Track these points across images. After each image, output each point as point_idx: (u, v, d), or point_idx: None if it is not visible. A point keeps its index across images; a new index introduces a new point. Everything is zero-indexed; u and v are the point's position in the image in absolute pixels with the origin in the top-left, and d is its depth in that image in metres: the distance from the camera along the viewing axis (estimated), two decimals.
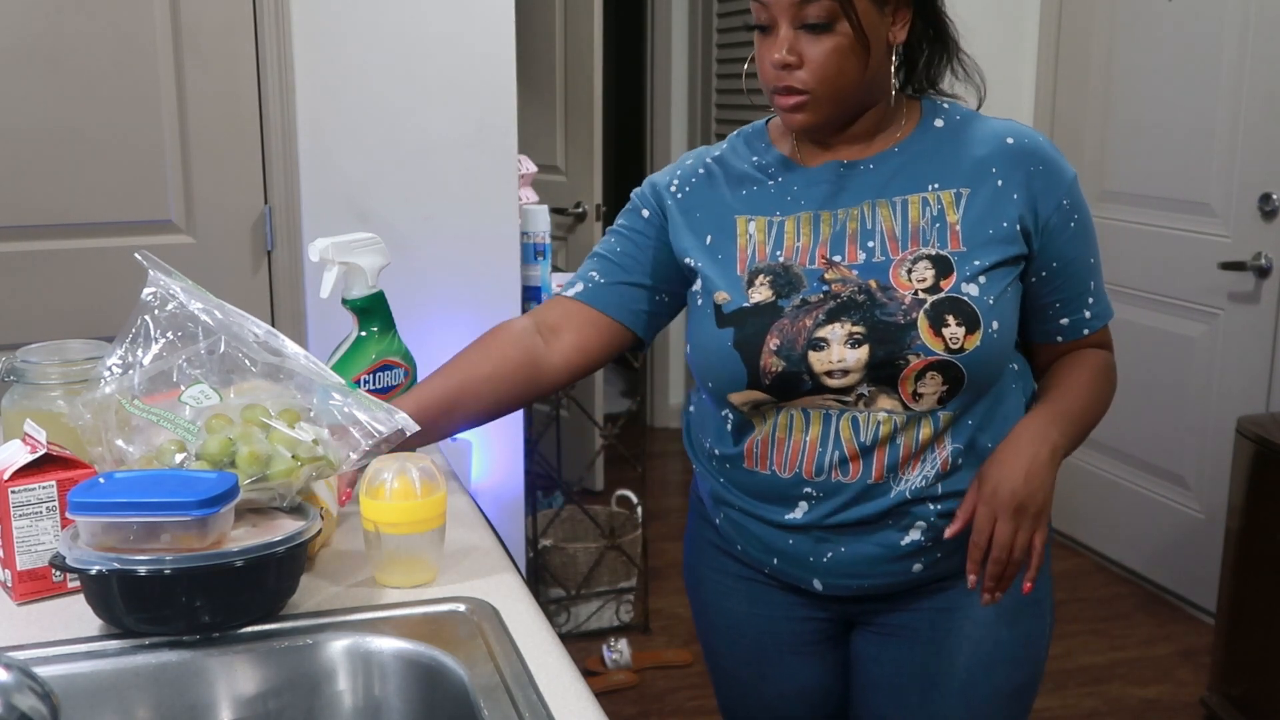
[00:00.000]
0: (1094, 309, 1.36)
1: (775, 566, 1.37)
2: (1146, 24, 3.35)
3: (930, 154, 1.31)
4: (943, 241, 1.27)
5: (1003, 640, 1.35)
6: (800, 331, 1.26)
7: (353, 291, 1.54)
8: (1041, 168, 1.29)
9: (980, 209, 1.27)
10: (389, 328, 1.56)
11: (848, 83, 1.25)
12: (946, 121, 1.33)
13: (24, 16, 2.42)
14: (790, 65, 1.24)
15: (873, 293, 1.25)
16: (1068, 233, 1.30)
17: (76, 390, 1.38)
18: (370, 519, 1.21)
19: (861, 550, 1.30)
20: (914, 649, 1.36)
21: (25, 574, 1.17)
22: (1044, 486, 1.24)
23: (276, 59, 2.58)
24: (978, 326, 1.23)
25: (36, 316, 2.50)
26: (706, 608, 1.51)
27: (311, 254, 1.51)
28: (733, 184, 1.37)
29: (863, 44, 1.23)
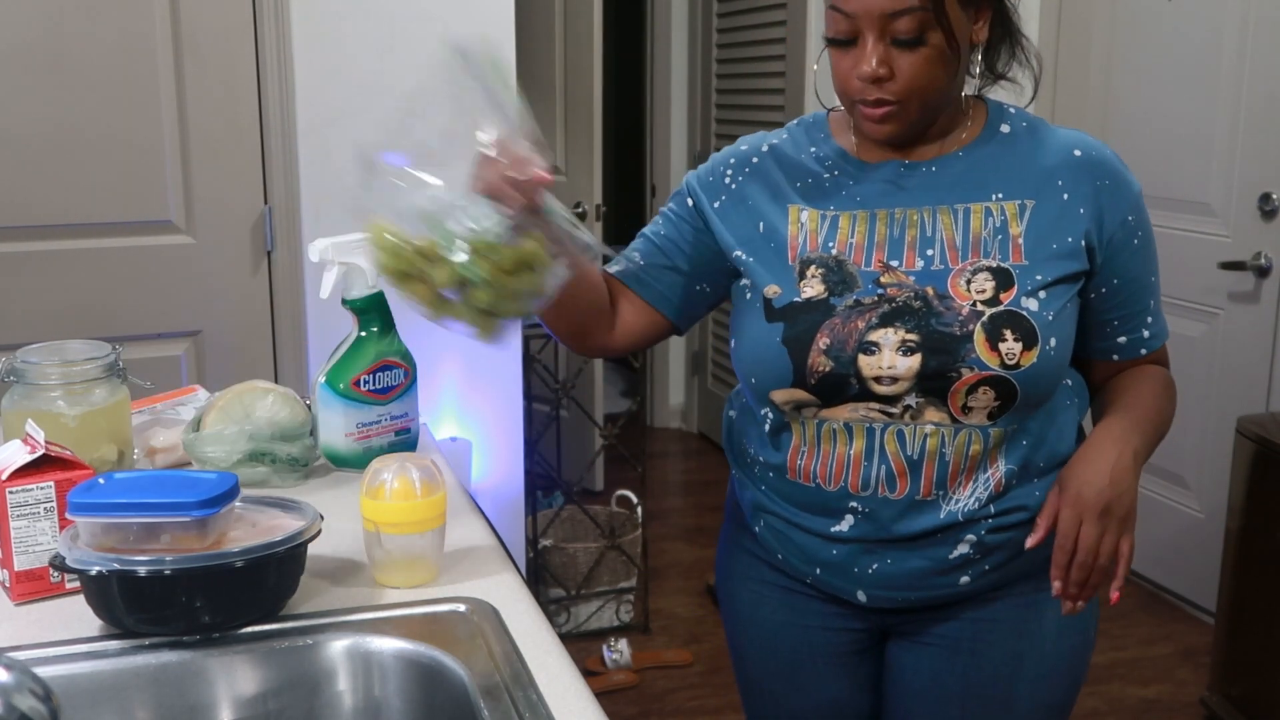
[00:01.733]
0: (1153, 328, 1.33)
1: (818, 576, 1.34)
2: (1146, 24, 3.35)
3: (995, 161, 1.28)
4: (1004, 254, 1.23)
5: (1047, 655, 1.33)
6: (852, 333, 1.22)
7: (352, 292, 1.54)
8: (1109, 182, 1.26)
9: (1045, 222, 1.24)
10: (389, 328, 1.56)
11: (937, 91, 1.22)
12: (1013, 127, 1.30)
13: (24, 17, 2.42)
14: (882, 79, 1.20)
15: (929, 300, 1.22)
16: (1130, 249, 1.27)
17: (77, 390, 1.39)
18: (370, 519, 1.21)
19: (908, 563, 1.28)
20: (955, 659, 1.33)
21: (23, 574, 1.17)
22: (1130, 489, 1.20)
23: (276, 59, 2.58)
24: (1035, 343, 1.20)
25: (36, 316, 2.50)
26: (740, 617, 1.47)
27: (311, 254, 1.51)
28: (788, 173, 1.33)
29: (954, 50, 1.20)
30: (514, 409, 2.96)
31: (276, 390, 1.56)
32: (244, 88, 2.58)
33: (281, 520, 1.17)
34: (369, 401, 1.52)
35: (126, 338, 2.04)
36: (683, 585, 3.57)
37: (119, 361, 1.44)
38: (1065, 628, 1.33)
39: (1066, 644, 1.34)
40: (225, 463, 1.47)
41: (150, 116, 2.53)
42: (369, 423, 1.53)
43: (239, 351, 2.64)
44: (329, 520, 1.22)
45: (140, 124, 2.53)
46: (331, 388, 1.52)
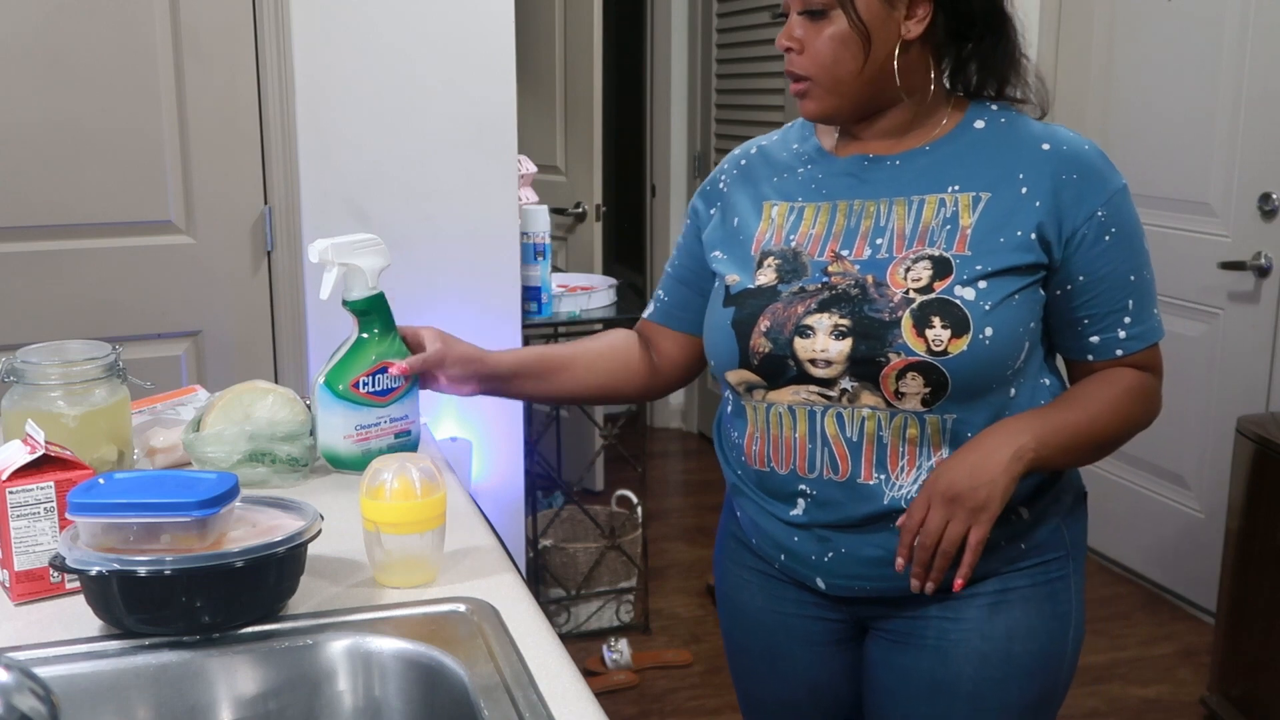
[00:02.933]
0: (1131, 329, 1.29)
1: (783, 563, 1.38)
2: (1146, 23, 3.35)
3: (961, 155, 1.29)
4: (949, 243, 1.24)
5: (1015, 654, 1.32)
6: (790, 317, 1.27)
7: (353, 293, 1.53)
8: (1075, 176, 1.25)
9: (996, 214, 1.25)
10: (389, 329, 1.54)
11: (845, 72, 1.25)
12: (989, 123, 1.30)
13: (24, 16, 2.42)
14: (790, 49, 1.27)
15: (866, 288, 1.25)
16: (1100, 246, 1.25)
17: (77, 390, 1.39)
18: (370, 519, 1.21)
19: (861, 552, 1.30)
20: (921, 656, 1.35)
21: (23, 574, 1.17)
22: (991, 483, 1.20)
23: (276, 59, 2.58)
24: (966, 330, 1.21)
25: (36, 316, 2.50)
26: (727, 600, 1.52)
27: (311, 255, 1.50)
28: (770, 171, 1.40)
29: (861, 34, 1.23)
30: (514, 409, 2.96)
31: (276, 390, 1.56)
32: (244, 88, 2.58)
33: (281, 520, 1.17)
34: (368, 404, 1.51)
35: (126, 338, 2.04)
36: (683, 585, 3.57)
37: (119, 361, 1.44)
38: (1036, 629, 1.32)
39: (1038, 645, 1.33)
40: (225, 463, 1.47)
41: (150, 116, 2.53)
42: (368, 425, 1.52)
43: (239, 351, 2.64)
44: (329, 520, 1.22)
45: (140, 124, 2.53)
46: (331, 389, 1.51)
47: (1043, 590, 1.33)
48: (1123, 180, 1.27)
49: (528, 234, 2.89)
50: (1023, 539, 1.31)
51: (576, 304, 3.04)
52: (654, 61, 4.95)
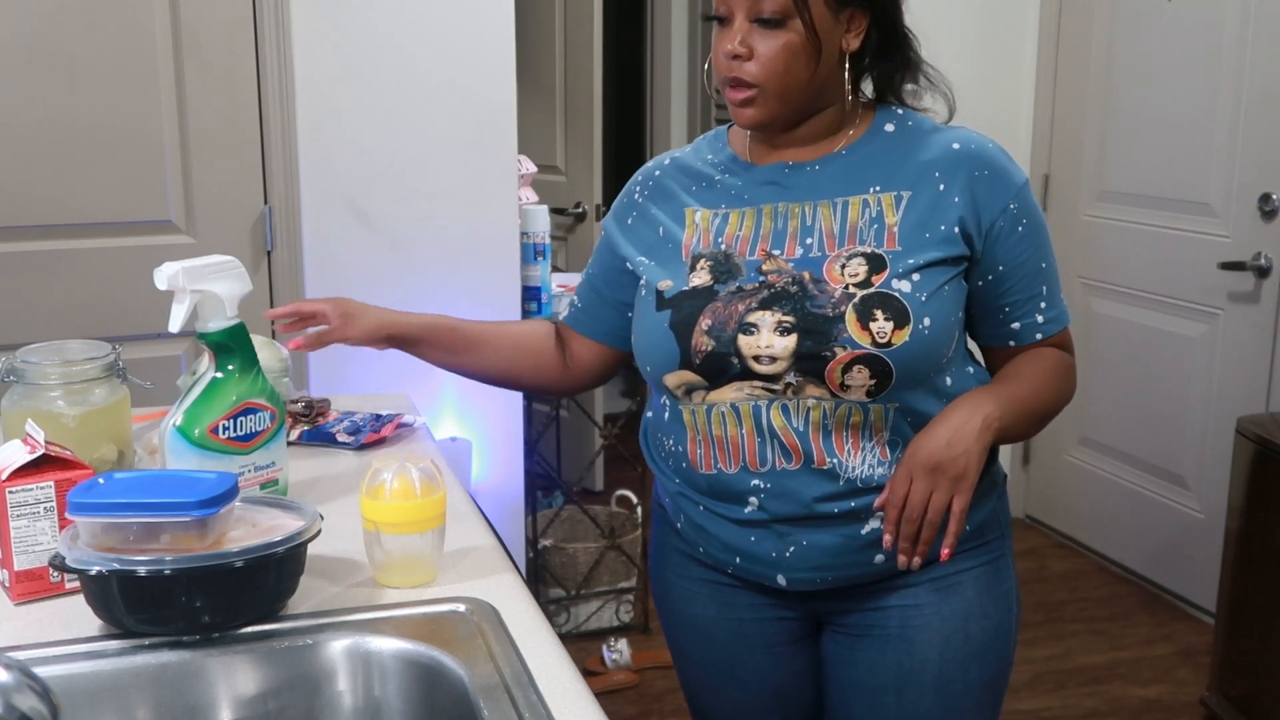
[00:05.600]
0: (1047, 313, 1.36)
1: (738, 566, 1.37)
2: (1146, 24, 3.35)
3: (876, 157, 1.33)
4: (879, 241, 1.28)
5: (972, 634, 1.36)
6: (732, 315, 1.28)
7: (208, 324, 1.34)
8: (986, 173, 1.30)
9: (919, 211, 1.29)
10: (251, 365, 1.37)
11: (795, 81, 1.27)
12: (898, 127, 1.35)
13: (24, 16, 2.42)
14: (740, 57, 1.27)
15: (805, 284, 1.27)
16: (1015, 236, 1.31)
17: (77, 390, 1.38)
18: (370, 519, 1.21)
19: (822, 541, 1.31)
20: (885, 649, 1.36)
21: (23, 574, 1.17)
22: (967, 452, 1.24)
23: (276, 59, 2.58)
24: (907, 322, 1.24)
25: (36, 316, 2.50)
26: (674, 615, 1.50)
27: (158, 281, 1.33)
28: (687, 180, 1.42)
29: (814, 44, 1.26)
30: (514, 409, 2.96)
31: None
32: (244, 87, 2.58)
33: (281, 520, 1.17)
34: (230, 451, 1.34)
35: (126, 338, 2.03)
36: None
37: (119, 361, 1.44)
38: (986, 607, 1.37)
39: (990, 622, 1.37)
40: None
41: (150, 116, 2.53)
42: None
43: None
44: (329, 520, 1.22)
45: (140, 124, 2.53)
46: (185, 436, 1.32)
47: (988, 569, 1.38)
48: (1024, 176, 1.34)
49: (528, 234, 2.89)
50: (968, 523, 1.34)
51: None
52: (654, 61, 4.95)
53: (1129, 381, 3.49)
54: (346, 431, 1.73)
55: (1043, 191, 3.76)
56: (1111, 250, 3.53)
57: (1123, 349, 3.51)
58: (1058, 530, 3.83)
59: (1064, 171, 3.70)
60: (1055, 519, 3.85)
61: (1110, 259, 3.54)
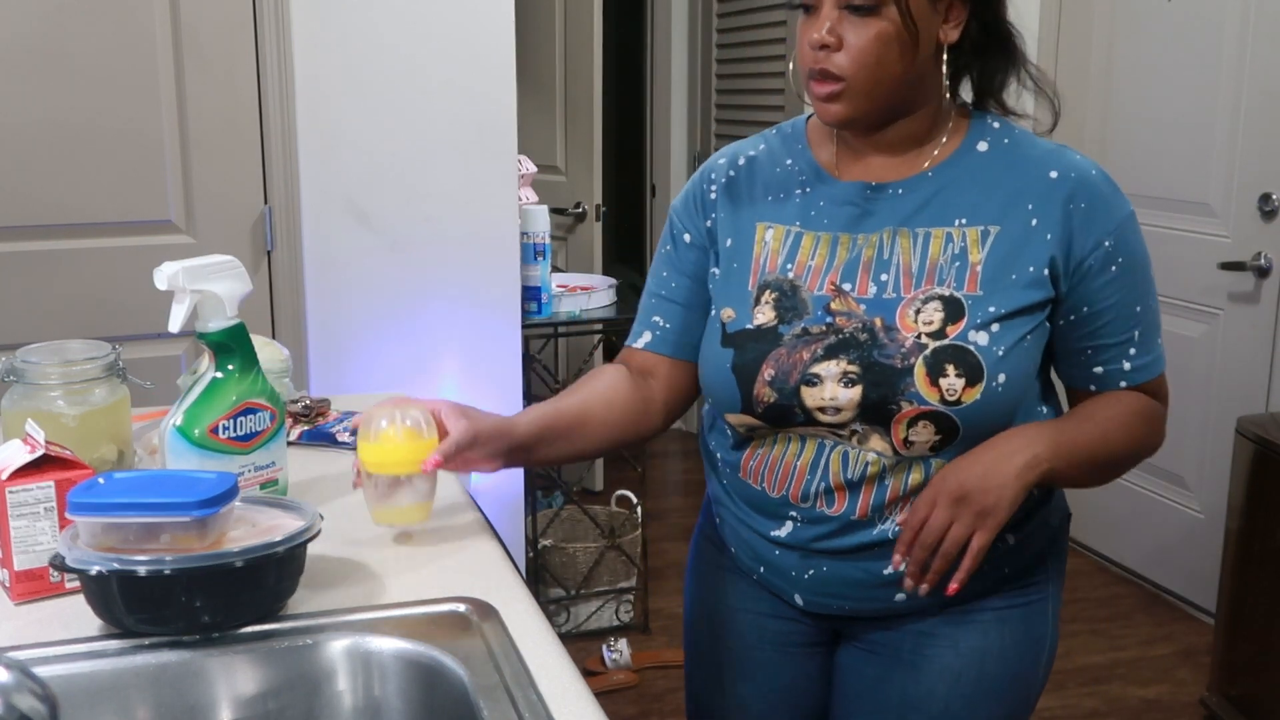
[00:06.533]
0: (1136, 360, 1.25)
1: (761, 575, 1.36)
2: (1146, 23, 3.35)
3: (966, 182, 1.23)
4: (960, 282, 1.20)
5: (988, 674, 1.30)
6: (796, 365, 1.22)
7: (209, 324, 1.34)
8: (1085, 205, 1.20)
9: (1007, 249, 1.20)
10: (251, 365, 1.36)
11: (887, 75, 1.17)
12: (992, 145, 1.25)
13: (24, 16, 2.42)
14: (829, 47, 1.17)
15: (875, 331, 1.20)
16: (1106, 276, 1.21)
17: (77, 390, 1.38)
18: (366, 461, 1.26)
19: (843, 573, 1.28)
20: (894, 669, 1.33)
21: (23, 574, 1.17)
22: (1001, 488, 1.15)
23: (276, 59, 2.58)
24: (980, 379, 1.17)
25: (36, 316, 2.50)
26: (699, 599, 1.50)
27: (158, 281, 1.32)
28: (760, 187, 1.32)
29: (910, 34, 1.16)
30: (514, 409, 2.96)
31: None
32: (244, 88, 2.58)
33: (281, 520, 1.17)
34: (230, 451, 1.33)
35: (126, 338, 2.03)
36: (682, 585, 3.56)
37: (119, 361, 1.44)
38: (1009, 651, 1.31)
39: (1010, 667, 1.31)
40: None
41: (150, 116, 2.53)
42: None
43: None
44: (329, 520, 1.22)
45: (140, 124, 2.53)
46: (185, 436, 1.31)
47: (1019, 612, 1.31)
48: (1130, 207, 1.23)
49: (528, 234, 2.89)
50: (1007, 564, 1.30)
51: (576, 304, 3.04)
52: (654, 61, 4.95)
53: None
54: (347, 431, 1.73)
55: None
56: None
57: None
58: None
59: None
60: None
61: None
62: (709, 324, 1.32)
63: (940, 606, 1.29)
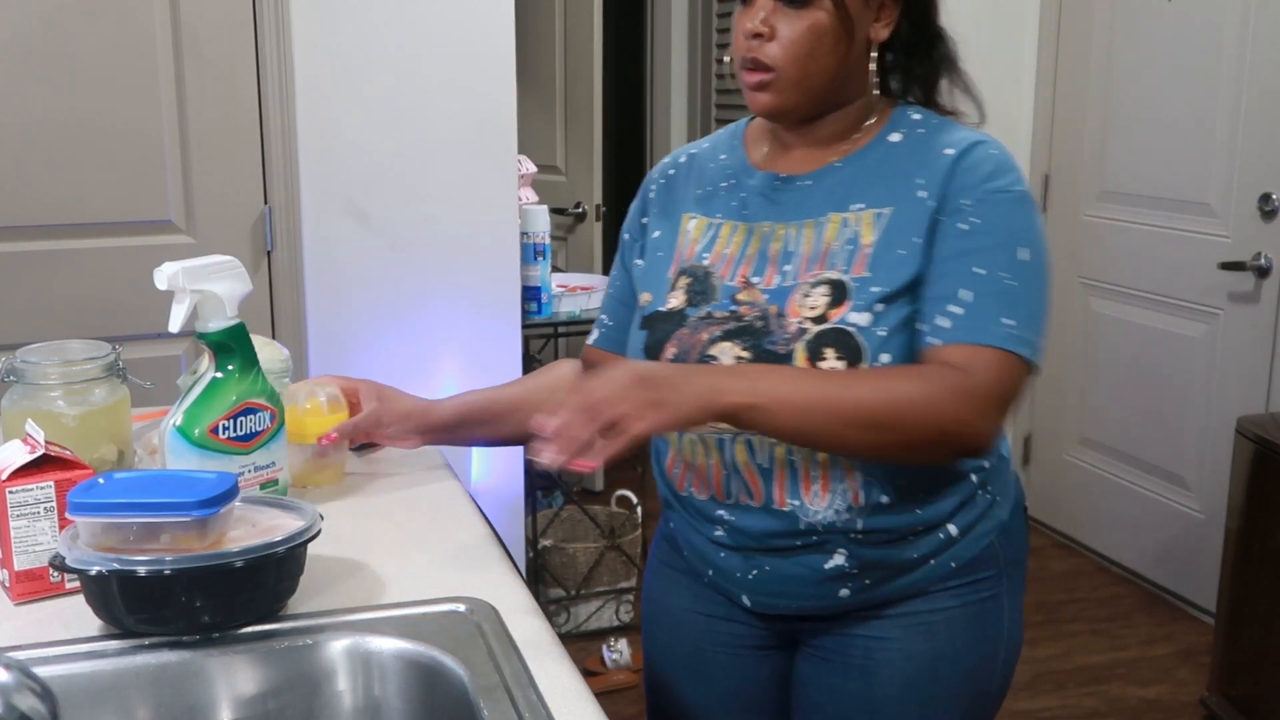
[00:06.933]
0: (959, 321, 1.15)
1: (710, 578, 1.37)
2: (1146, 24, 3.35)
3: (872, 170, 1.24)
4: (848, 265, 1.19)
5: (941, 676, 1.29)
6: (695, 345, 1.24)
7: (209, 324, 1.34)
8: (963, 169, 1.19)
9: (895, 227, 1.19)
10: (251, 365, 1.37)
11: (818, 68, 1.19)
12: (907, 135, 1.25)
13: (24, 16, 2.42)
14: (761, 36, 1.19)
15: (769, 319, 1.21)
16: (954, 232, 1.17)
17: (77, 390, 1.38)
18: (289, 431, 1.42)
19: (786, 570, 1.28)
20: (849, 677, 1.32)
21: (23, 574, 1.17)
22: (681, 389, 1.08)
23: (276, 59, 2.58)
24: (860, 360, 1.16)
25: (36, 316, 2.50)
26: (654, 600, 1.50)
27: (158, 281, 1.32)
28: (694, 182, 1.36)
29: (843, 28, 1.18)
30: None
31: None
32: (244, 88, 2.58)
33: (281, 520, 1.17)
34: (230, 451, 1.34)
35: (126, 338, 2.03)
36: None
37: (119, 361, 1.44)
38: (962, 650, 1.30)
39: (965, 665, 1.30)
40: None
41: (150, 116, 2.53)
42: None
43: None
44: (329, 520, 1.22)
45: (140, 124, 2.53)
46: (185, 436, 1.31)
47: (971, 610, 1.30)
48: (1018, 188, 1.19)
49: (528, 234, 2.89)
50: (953, 557, 1.28)
51: (576, 304, 3.04)
52: (654, 61, 4.95)
53: (1129, 381, 3.49)
54: None
55: (1043, 191, 3.76)
56: (1111, 250, 3.53)
57: (1123, 349, 3.51)
58: (1058, 530, 3.83)
59: (1064, 171, 3.70)
60: (1055, 519, 3.85)
61: (1110, 259, 3.54)
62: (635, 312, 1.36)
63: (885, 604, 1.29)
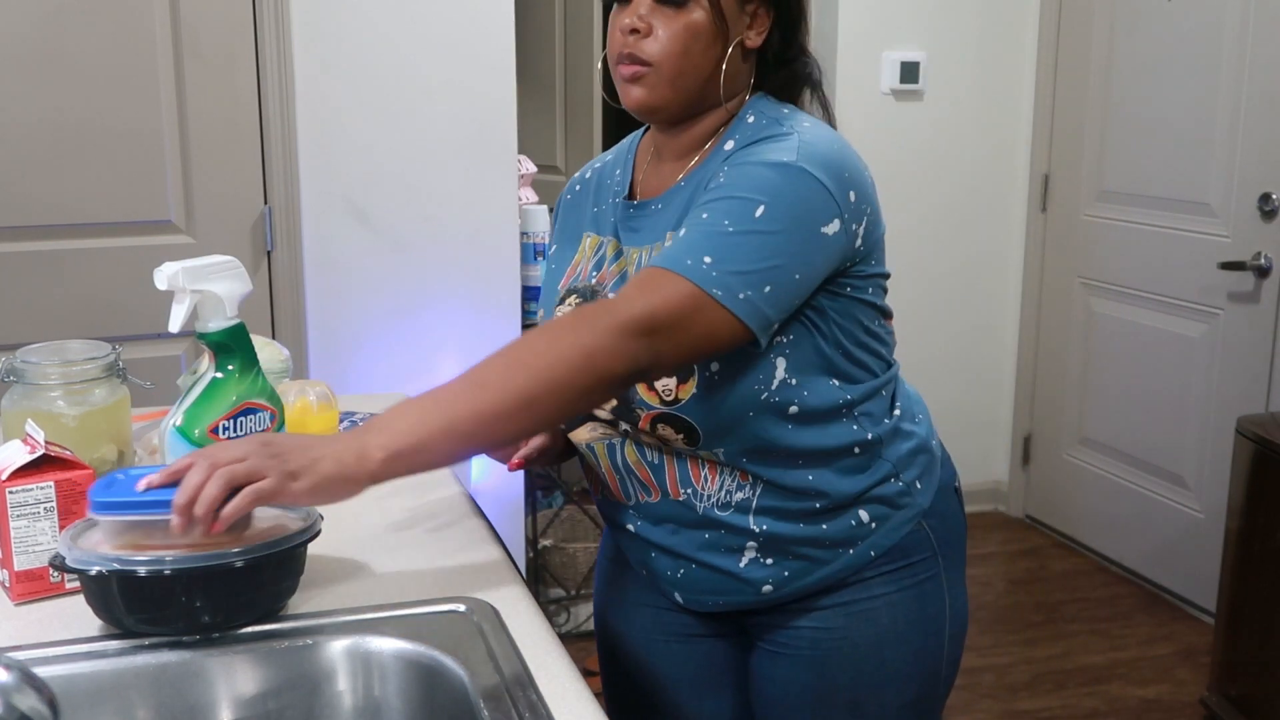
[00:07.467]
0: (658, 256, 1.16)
1: (644, 578, 1.38)
2: (1146, 24, 3.35)
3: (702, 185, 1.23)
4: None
5: (888, 660, 1.31)
6: None
7: (209, 324, 1.33)
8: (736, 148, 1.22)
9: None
10: (251, 365, 1.36)
11: (691, 65, 1.21)
12: (739, 140, 1.24)
13: (24, 16, 2.42)
14: (639, 32, 1.21)
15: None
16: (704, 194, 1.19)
17: (77, 390, 1.39)
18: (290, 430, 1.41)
19: (705, 570, 1.29)
20: (798, 669, 1.33)
21: (23, 574, 1.17)
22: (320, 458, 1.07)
23: (276, 59, 2.58)
24: (690, 374, 1.17)
25: (36, 316, 2.50)
26: (604, 597, 1.50)
27: (159, 281, 1.32)
28: (592, 198, 1.38)
29: (717, 28, 1.21)
30: None
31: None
32: (244, 87, 2.58)
33: (281, 520, 1.17)
34: None
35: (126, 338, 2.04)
36: None
37: (119, 361, 1.44)
38: (905, 633, 1.31)
39: (910, 648, 1.32)
40: None
41: (150, 116, 2.53)
42: None
43: None
44: (329, 520, 1.22)
45: (140, 124, 2.53)
46: (185, 436, 1.31)
47: (910, 594, 1.31)
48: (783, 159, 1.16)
49: (528, 234, 2.89)
50: (871, 546, 1.28)
51: None
52: None
53: (1129, 381, 3.49)
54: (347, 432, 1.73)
55: (1042, 191, 3.76)
56: (1111, 250, 3.53)
57: (1123, 349, 3.51)
58: (1058, 530, 3.83)
59: (1064, 171, 3.70)
60: (1055, 519, 3.85)
61: (1110, 259, 3.54)
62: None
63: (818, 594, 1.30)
